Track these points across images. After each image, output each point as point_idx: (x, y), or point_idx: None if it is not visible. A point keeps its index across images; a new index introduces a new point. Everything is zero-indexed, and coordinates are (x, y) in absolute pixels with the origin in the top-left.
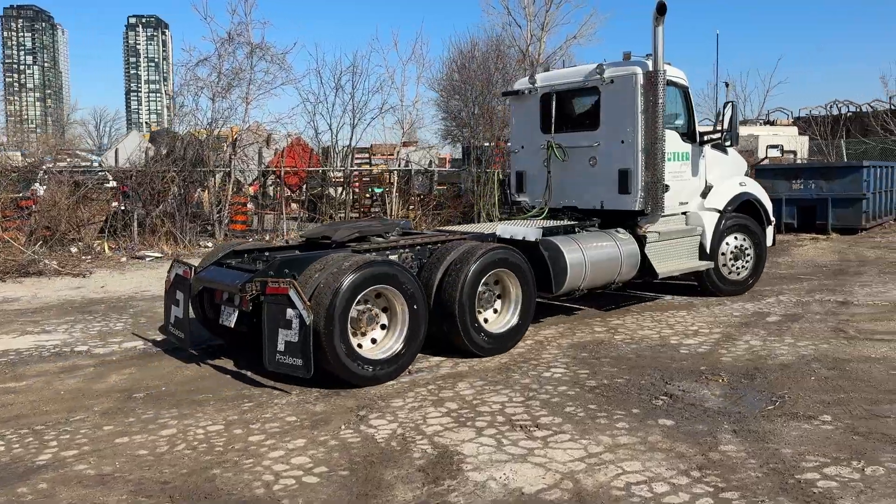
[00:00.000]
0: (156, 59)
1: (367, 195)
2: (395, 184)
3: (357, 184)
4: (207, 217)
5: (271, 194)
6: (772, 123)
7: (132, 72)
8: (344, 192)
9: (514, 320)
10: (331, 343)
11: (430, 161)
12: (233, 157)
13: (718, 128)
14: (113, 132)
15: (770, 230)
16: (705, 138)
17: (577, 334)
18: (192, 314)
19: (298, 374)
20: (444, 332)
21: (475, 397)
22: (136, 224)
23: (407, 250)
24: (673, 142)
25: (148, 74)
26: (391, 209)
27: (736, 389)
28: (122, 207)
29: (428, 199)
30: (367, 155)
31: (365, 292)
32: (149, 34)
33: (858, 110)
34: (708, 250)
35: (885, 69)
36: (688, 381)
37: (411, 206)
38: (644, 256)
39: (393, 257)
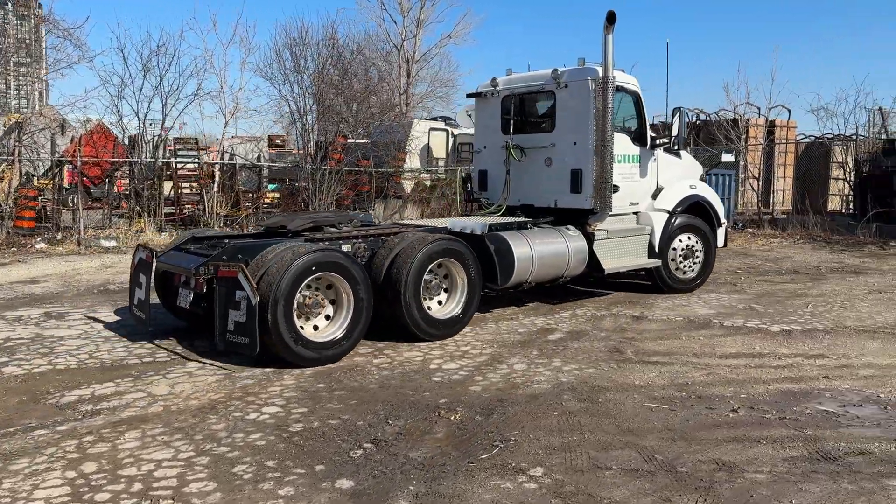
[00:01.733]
0: (27, 40)
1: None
2: (217, 179)
3: (177, 178)
4: None
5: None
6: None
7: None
8: (154, 187)
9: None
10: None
11: (259, 154)
12: (19, 144)
13: (667, 132)
14: None
15: (721, 231)
16: (656, 142)
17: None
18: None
19: (245, 353)
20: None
21: (132, 453)
22: None
23: (360, 240)
24: (623, 144)
25: (18, 56)
26: (210, 207)
27: (464, 429)
28: None
29: (258, 196)
30: (192, 147)
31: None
32: (19, 14)
33: (708, 119)
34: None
35: (728, 78)
36: (415, 419)
37: (236, 205)
38: (592, 253)
39: (346, 247)
